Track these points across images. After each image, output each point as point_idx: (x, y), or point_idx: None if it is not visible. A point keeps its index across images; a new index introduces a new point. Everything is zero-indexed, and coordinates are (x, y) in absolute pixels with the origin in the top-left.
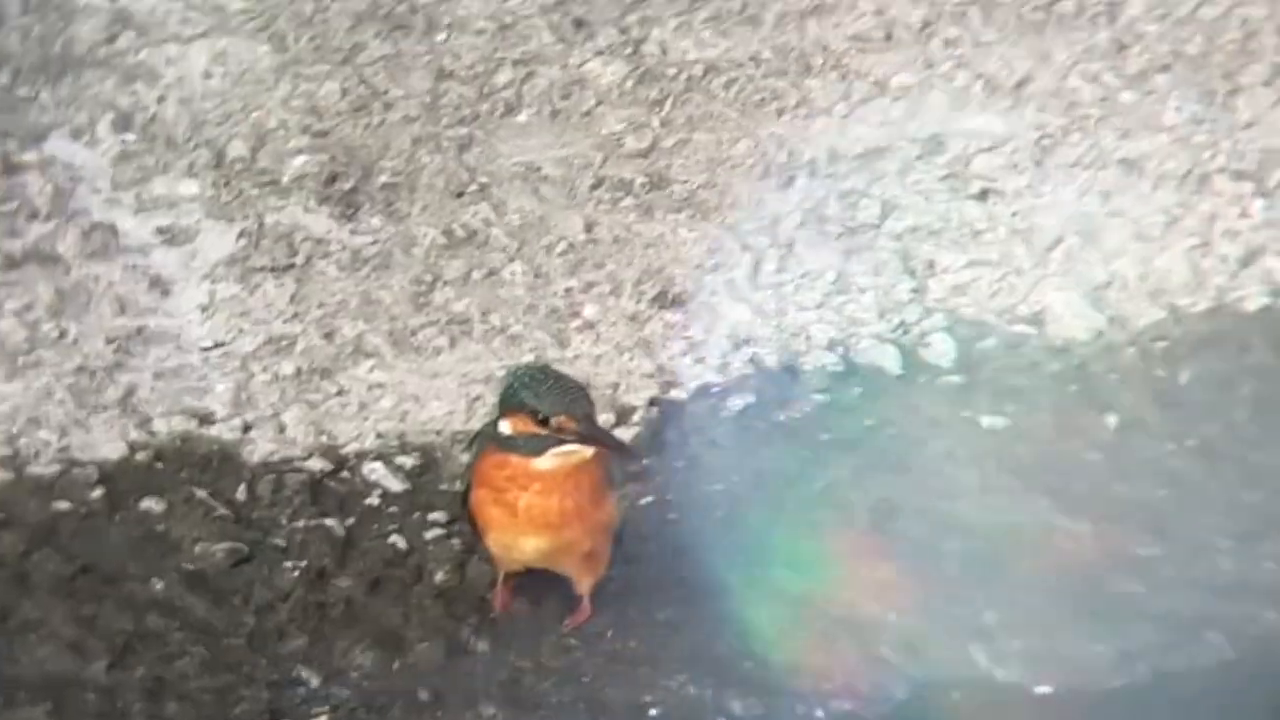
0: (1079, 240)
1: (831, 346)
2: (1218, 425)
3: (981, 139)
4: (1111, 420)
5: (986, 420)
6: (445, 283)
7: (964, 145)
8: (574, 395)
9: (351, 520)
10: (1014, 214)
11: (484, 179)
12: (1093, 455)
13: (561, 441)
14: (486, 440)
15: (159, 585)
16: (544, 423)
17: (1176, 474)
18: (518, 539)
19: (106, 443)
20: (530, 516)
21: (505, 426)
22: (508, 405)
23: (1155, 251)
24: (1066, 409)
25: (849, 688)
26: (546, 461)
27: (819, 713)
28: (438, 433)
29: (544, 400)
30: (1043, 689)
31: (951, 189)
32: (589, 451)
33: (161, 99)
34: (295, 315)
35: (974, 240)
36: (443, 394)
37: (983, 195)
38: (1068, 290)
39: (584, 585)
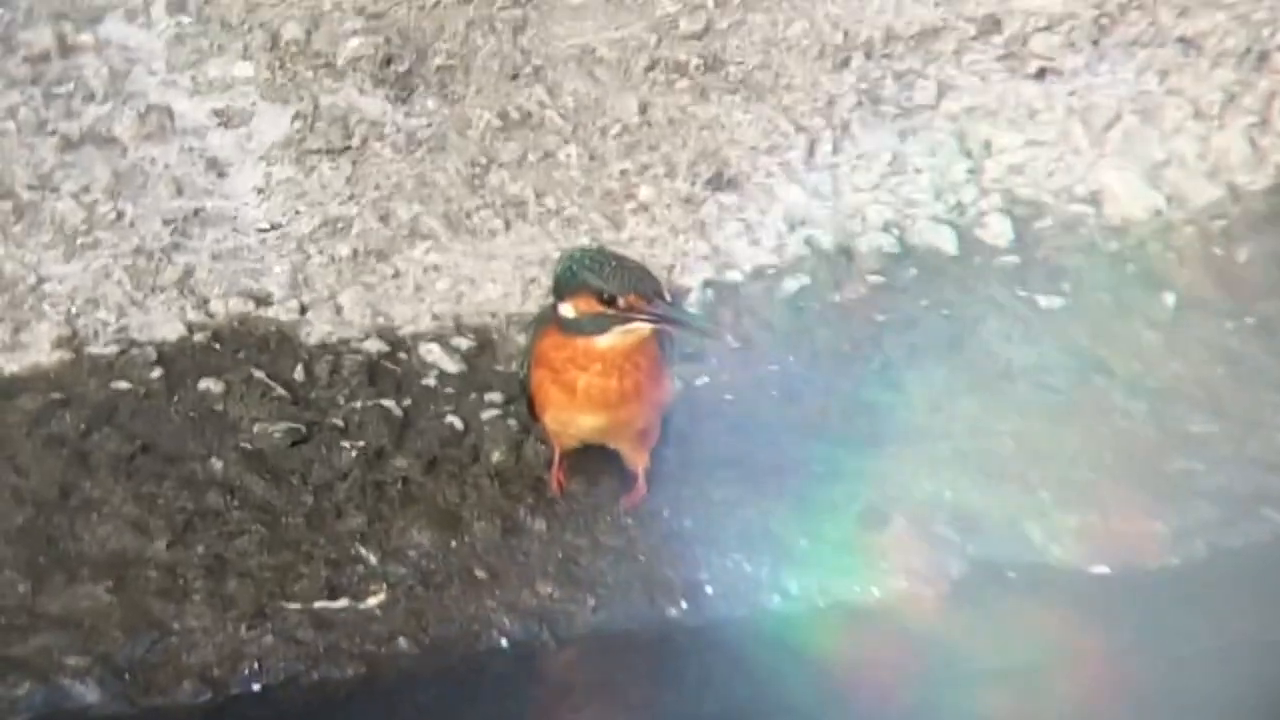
0: (1137, 119)
1: (887, 228)
2: (1276, 303)
3: (1039, 18)
4: (1169, 299)
5: (1043, 300)
6: (500, 165)
7: (1021, 24)
8: (639, 274)
9: (408, 401)
10: (1071, 93)
11: (539, 61)
12: (1150, 334)
13: (629, 320)
14: (545, 323)
15: (218, 464)
16: (610, 302)
17: (1234, 352)
18: (576, 417)
19: (164, 323)
20: (589, 396)
21: (567, 309)
22: (569, 287)
23: (1213, 130)
24: (1124, 288)
25: (905, 566)
26: (609, 340)
27: (875, 590)
28: (493, 314)
29: (610, 280)
30: (1099, 567)
31: (1009, 69)
32: (648, 329)
33: None
34: (351, 197)
35: (1031, 120)
36: (498, 276)
37: (1040, 74)
38: (1125, 169)
39: (639, 462)
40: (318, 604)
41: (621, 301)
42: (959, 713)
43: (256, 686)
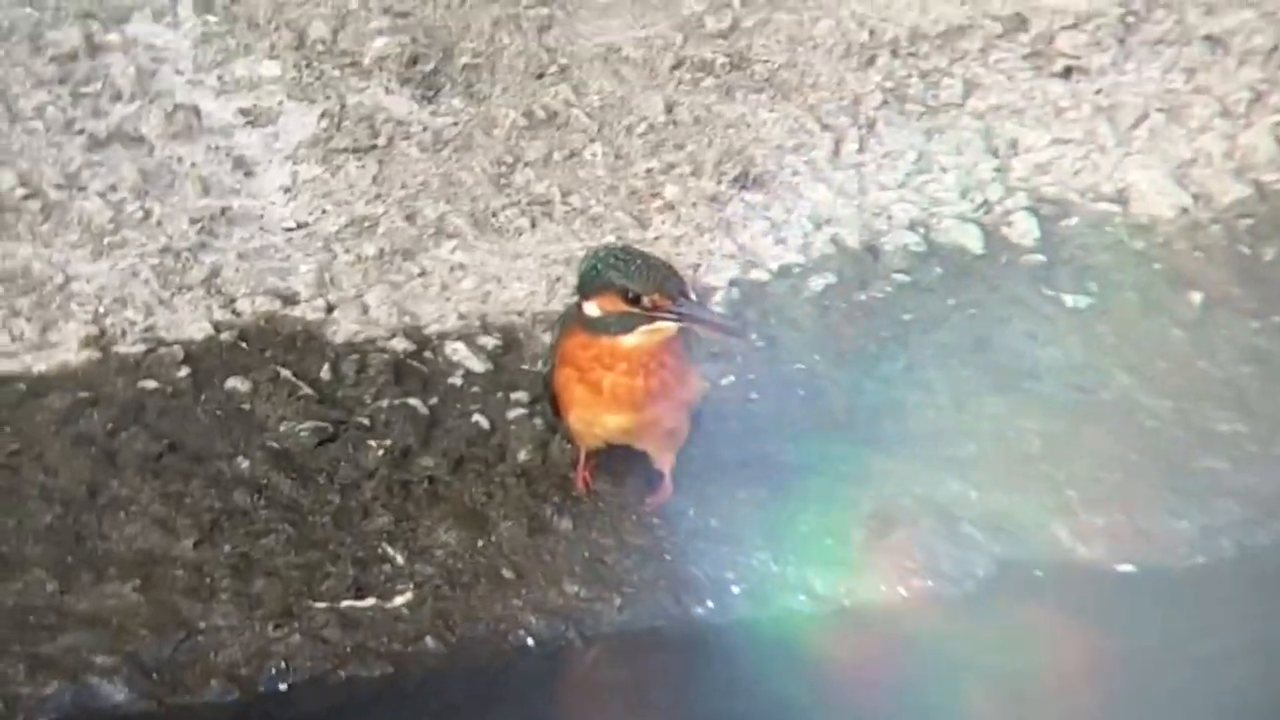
0: (1163, 117)
1: (913, 226)
2: None
3: (1065, 16)
4: (1195, 297)
5: (1069, 299)
6: (526, 164)
7: (1047, 22)
8: (665, 273)
9: (435, 400)
10: (1098, 91)
11: (564, 60)
12: (1176, 333)
13: (654, 319)
14: (570, 321)
15: (245, 464)
16: (635, 301)
17: (1260, 351)
18: (601, 416)
19: (192, 322)
20: (615, 395)
21: (592, 308)
22: (594, 286)
23: (1240, 128)
24: (1150, 287)
25: (931, 566)
26: (634, 339)
27: (901, 590)
28: (519, 313)
29: (635, 279)
30: (1125, 566)
31: (1035, 67)
32: (674, 328)
33: None
34: (377, 196)
35: (1057, 118)
36: (524, 275)
37: (1066, 73)
38: (1151, 168)
39: (665, 462)
40: (344, 603)
41: (647, 300)
42: (985, 713)
43: (283, 686)
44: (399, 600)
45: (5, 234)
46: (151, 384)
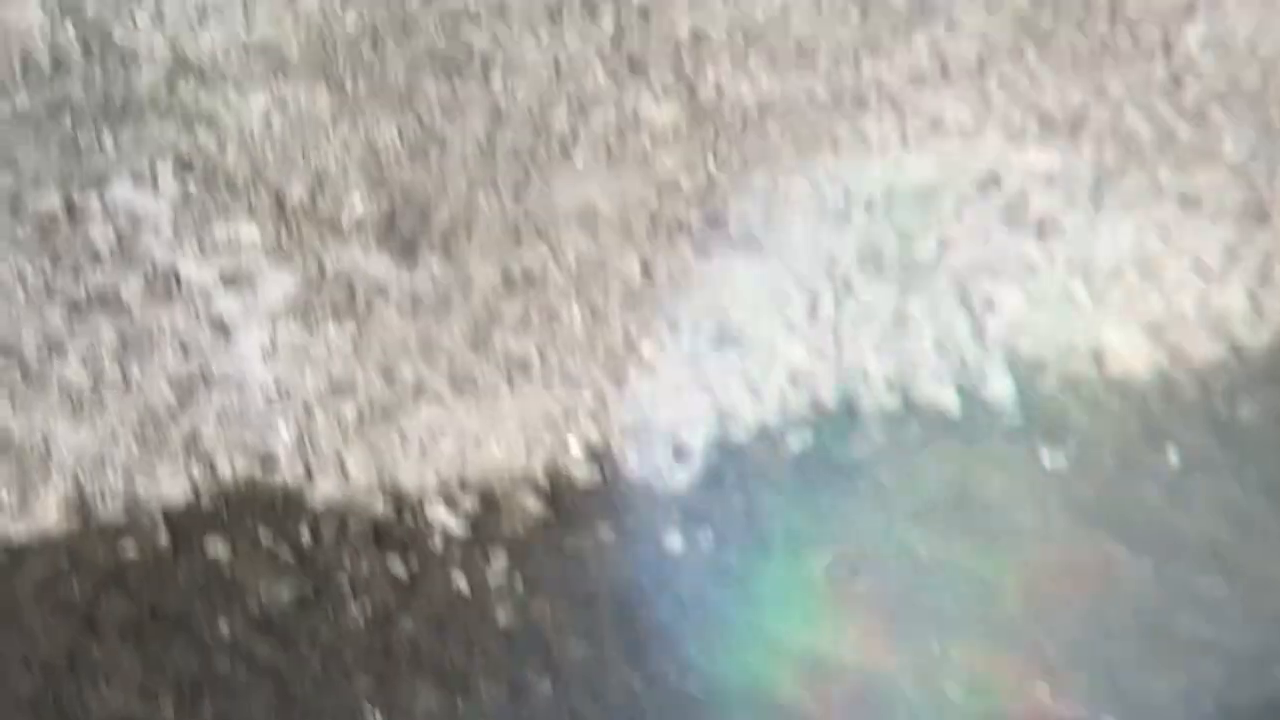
0: (1138, 276)
1: (890, 385)
2: None
3: (1038, 175)
4: (1173, 457)
5: (1047, 458)
6: (503, 324)
7: (1021, 181)
8: None
9: (415, 561)
10: (1072, 250)
11: (541, 221)
12: (1154, 492)
13: None
14: None
15: (225, 627)
16: None
17: (1240, 510)
18: None
19: (171, 486)
20: None
21: None
22: None
23: (1215, 286)
24: (1127, 446)
25: None
26: None
27: None
28: (498, 474)
29: None
30: None
31: (1009, 225)
32: None
33: (222, 144)
34: (356, 358)
35: (1032, 277)
36: (503, 435)
37: (1041, 231)
38: (1127, 326)
39: None
40: None
41: None
42: None
43: None
44: None
45: None
46: (131, 548)
